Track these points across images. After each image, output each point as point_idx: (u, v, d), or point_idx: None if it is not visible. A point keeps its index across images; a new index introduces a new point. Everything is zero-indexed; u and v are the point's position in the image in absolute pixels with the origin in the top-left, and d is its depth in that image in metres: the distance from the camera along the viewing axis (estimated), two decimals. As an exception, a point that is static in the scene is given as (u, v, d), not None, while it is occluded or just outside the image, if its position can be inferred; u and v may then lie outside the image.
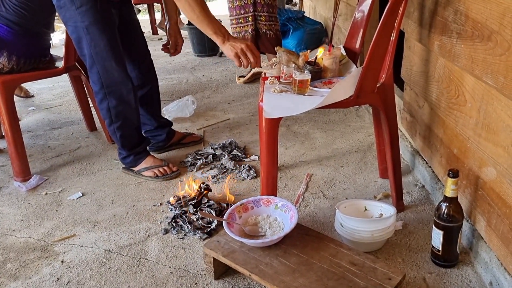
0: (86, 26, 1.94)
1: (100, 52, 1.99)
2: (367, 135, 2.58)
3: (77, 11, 1.92)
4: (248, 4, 3.45)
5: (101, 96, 2.09)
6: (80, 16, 1.93)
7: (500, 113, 1.30)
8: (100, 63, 2.01)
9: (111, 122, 2.15)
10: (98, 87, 2.07)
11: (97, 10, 1.93)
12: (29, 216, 1.98)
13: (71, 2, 1.91)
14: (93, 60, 2.01)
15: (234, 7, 3.51)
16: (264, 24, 3.50)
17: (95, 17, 1.93)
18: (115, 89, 2.07)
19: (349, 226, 1.58)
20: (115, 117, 2.13)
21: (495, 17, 1.27)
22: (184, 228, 1.78)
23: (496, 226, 1.37)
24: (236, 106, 3.23)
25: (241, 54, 1.82)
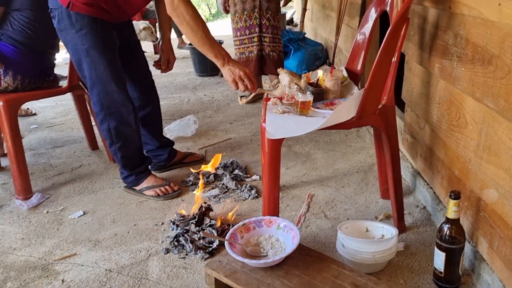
0: (86, 49, 1.96)
1: (100, 74, 2.00)
2: (368, 155, 2.59)
3: (77, 34, 1.94)
4: (253, 25, 3.50)
5: (102, 117, 2.10)
6: (80, 39, 1.95)
7: (501, 135, 1.31)
8: (100, 85, 2.03)
9: (112, 143, 2.16)
10: (98, 108, 2.08)
11: (97, 33, 1.95)
12: (30, 235, 1.97)
13: (71, 25, 1.93)
14: (93, 82, 2.03)
15: (239, 28, 3.55)
16: (268, 45, 3.56)
17: (95, 39, 1.95)
18: (115, 110, 2.08)
19: (351, 247, 1.57)
20: (115, 138, 2.13)
21: (495, 42, 1.29)
22: (185, 247, 1.78)
23: (499, 248, 1.37)
24: (237, 126, 3.25)
25: (238, 80, 1.86)
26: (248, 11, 3.48)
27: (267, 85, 1.95)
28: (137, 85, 2.32)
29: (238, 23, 3.54)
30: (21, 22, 2.24)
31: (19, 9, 2.22)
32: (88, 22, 1.93)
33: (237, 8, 3.52)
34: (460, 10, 1.51)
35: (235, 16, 3.55)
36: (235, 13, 3.55)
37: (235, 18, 3.55)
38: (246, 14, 3.49)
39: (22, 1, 2.21)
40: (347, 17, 3.53)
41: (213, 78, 4.77)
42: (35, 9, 2.23)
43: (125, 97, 2.09)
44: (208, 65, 4.84)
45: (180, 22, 1.83)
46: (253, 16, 3.48)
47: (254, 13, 3.47)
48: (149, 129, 2.43)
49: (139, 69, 2.33)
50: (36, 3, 2.23)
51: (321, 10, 4.98)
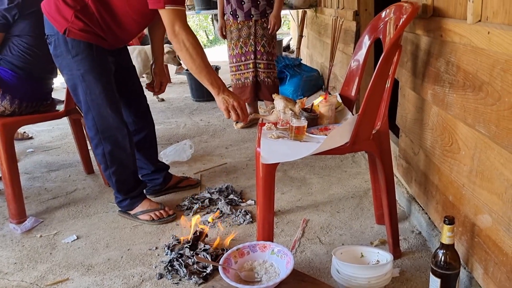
0: (82, 74, 1.98)
1: (96, 98, 2.02)
2: (363, 181, 2.60)
3: (73, 60, 1.96)
4: (249, 52, 3.56)
5: (97, 142, 2.10)
6: (76, 64, 1.97)
7: (494, 161, 1.33)
8: (96, 110, 2.04)
9: (106, 167, 2.15)
10: (93, 133, 2.09)
11: (92, 58, 1.97)
12: (22, 259, 1.95)
13: (67, 51, 1.95)
14: (88, 107, 2.04)
15: (235, 55, 3.62)
16: (263, 72, 3.61)
17: (90, 65, 1.97)
18: (110, 135, 2.08)
19: (346, 273, 1.56)
20: (110, 162, 2.13)
21: (486, 69, 1.32)
22: (180, 272, 1.76)
23: (494, 274, 1.36)
24: (233, 150, 3.26)
25: (231, 109, 1.88)
26: (243, 38, 3.54)
27: (262, 110, 1.97)
28: (132, 109, 2.34)
29: (234, 50, 3.60)
30: (20, 47, 2.27)
31: (19, 35, 2.26)
32: (84, 48, 1.95)
33: (233, 35, 3.59)
34: (451, 38, 1.54)
35: (231, 43, 3.61)
36: (231, 40, 3.61)
37: (231, 45, 3.62)
38: (242, 41, 3.55)
39: (22, 28, 2.25)
40: (342, 44, 3.60)
41: (209, 103, 4.80)
42: (35, 36, 2.27)
43: (120, 121, 2.10)
44: (204, 91, 4.82)
45: (180, 48, 1.86)
46: (249, 43, 3.55)
47: (250, 39, 3.54)
48: (145, 153, 2.43)
49: (134, 94, 2.35)
50: (36, 30, 2.27)
51: (317, 37, 5.06)
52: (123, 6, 1.95)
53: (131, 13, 1.98)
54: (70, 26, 1.91)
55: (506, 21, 1.23)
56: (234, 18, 3.54)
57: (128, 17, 1.99)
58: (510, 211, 1.25)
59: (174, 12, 1.82)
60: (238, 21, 3.53)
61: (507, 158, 1.25)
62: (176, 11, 1.82)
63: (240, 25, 3.53)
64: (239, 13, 3.50)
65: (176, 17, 1.83)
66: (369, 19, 3.06)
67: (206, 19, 12.78)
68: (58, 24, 1.93)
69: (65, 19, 1.91)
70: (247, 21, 3.51)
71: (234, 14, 3.52)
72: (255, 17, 3.50)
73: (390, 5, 1.78)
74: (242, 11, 3.48)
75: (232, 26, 3.57)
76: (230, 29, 3.60)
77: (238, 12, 3.50)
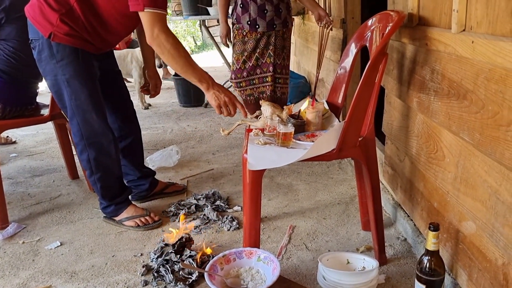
0: (67, 79, 1.95)
1: (81, 104, 1.99)
2: (349, 187, 2.61)
3: (57, 64, 1.93)
4: (266, 64, 3.13)
5: (82, 147, 2.08)
6: (61, 69, 1.94)
7: (477, 168, 1.34)
8: (81, 115, 2.01)
9: (91, 173, 2.13)
10: (78, 139, 2.07)
11: (78, 63, 1.95)
12: (3, 266, 1.92)
13: (51, 55, 1.92)
14: (73, 112, 2.02)
15: (247, 68, 3.14)
16: (281, 87, 3.23)
17: (76, 70, 1.95)
18: (95, 141, 2.06)
19: (332, 279, 1.56)
20: (95, 168, 2.11)
21: (470, 77, 1.34)
22: (166, 278, 1.74)
23: (478, 280, 1.38)
24: (220, 156, 3.25)
25: (223, 105, 1.88)
26: (260, 49, 3.09)
27: (249, 116, 1.97)
28: (119, 115, 2.32)
29: (246, 63, 3.13)
30: (6, 52, 2.24)
31: (5, 39, 2.23)
32: (70, 53, 1.92)
33: (246, 46, 3.09)
34: (436, 47, 1.56)
35: (242, 55, 3.11)
36: (242, 52, 3.11)
37: (242, 57, 3.11)
38: (258, 52, 3.09)
39: (8, 32, 2.22)
40: (329, 51, 3.62)
41: (196, 108, 4.80)
42: (21, 40, 2.25)
43: (105, 127, 2.08)
44: (192, 96, 4.87)
45: (161, 51, 1.84)
46: (266, 54, 3.10)
47: (268, 50, 3.10)
48: (131, 159, 2.41)
49: (120, 100, 2.33)
50: (23, 35, 2.24)
51: (304, 44, 5.10)
52: (109, 9, 1.93)
53: (116, 16, 1.96)
54: (55, 30, 1.88)
55: (489, 31, 1.25)
56: (253, 28, 3.04)
57: (114, 20, 1.97)
58: (493, 218, 1.26)
59: (153, 15, 1.80)
60: (257, 32, 3.04)
61: (491, 166, 1.26)
62: (156, 14, 1.80)
63: (259, 35, 3.05)
64: (260, 23, 3.02)
65: (155, 20, 1.80)
66: (356, 27, 3.09)
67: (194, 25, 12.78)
68: (43, 28, 1.90)
69: (50, 23, 1.88)
70: (268, 31, 3.06)
71: (254, 24, 3.03)
72: (278, 27, 3.06)
73: (377, 14, 1.80)
74: (264, 20, 3.02)
75: (247, 37, 3.07)
76: (242, 39, 3.09)
77: (259, 22, 3.02)
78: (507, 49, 1.12)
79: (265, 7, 3.00)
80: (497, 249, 1.26)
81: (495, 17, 1.22)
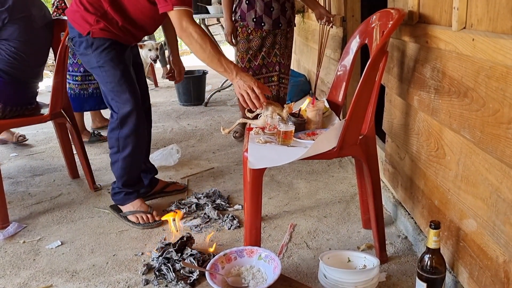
0: (101, 65, 2.09)
1: (115, 86, 2.10)
2: (350, 185, 2.61)
3: (92, 54, 2.07)
4: (272, 63, 3.12)
5: (114, 126, 2.17)
6: (95, 58, 2.07)
7: (478, 166, 1.34)
8: (116, 97, 2.12)
9: (117, 151, 2.20)
10: (113, 118, 2.16)
11: (110, 50, 2.07)
12: (4, 266, 1.92)
13: (87, 47, 2.07)
14: (111, 95, 2.13)
15: (253, 67, 3.11)
16: (284, 88, 3.23)
17: (108, 55, 2.07)
18: (128, 120, 2.14)
19: (333, 278, 1.56)
20: (122, 147, 2.19)
21: (470, 75, 1.34)
22: (167, 276, 1.74)
23: (479, 278, 1.38)
24: (220, 155, 3.25)
25: (245, 95, 1.83)
26: (267, 48, 3.06)
27: (249, 115, 1.96)
28: None
29: (251, 62, 3.09)
30: (7, 51, 2.24)
31: (8, 39, 2.23)
32: (103, 42, 2.05)
33: (252, 44, 3.06)
34: (436, 45, 1.56)
35: (247, 53, 3.08)
36: (247, 50, 3.08)
37: (247, 56, 3.08)
38: (265, 51, 3.06)
39: (11, 32, 2.22)
40: (329, 49, 3.62)
41: (197, 107, 4.79)
42: (23, 41, 2.25)
43: (139, 107, 2.16)
44: (192, 95, 4.86)
45: (189, 41, 1.91)
46: (273, 53, 3.07)
47: (274, 49, 3.08)
48: None
49: (141, 91, 2.39)
50: (25, 35, 2.25)
51: (304, 42, 5.09)
52: (137, 14, 2.07)
53: (144, 18, 2.10)
54: (92, 28, 2.02)
55: (490, 28, 1.25)
56: (258, 25, 3.02)
57: (142, 21, 2.11)
58: (494, 215, 1.26)
59: (182, 12, 1.90)
60: (262, 29, 3.03)
61: (492, 163, 1.26)
62: (183, 11, 1.90)
63: (265, 33, 3.04)
64: (265, 21, 3.00)
65: (183, 14, 1.90)
66: (356, 25, 3.09)
67: (193, 24, 12.76)
68: (82, 28, 2.04)
69: (88, 23, 2.03)
70: (274, 30, 3.05)
71: (259, 22, 3.00)
72: (283, 26, 3.06)
73: (377, 12, 1.80)
74: (270, 18, 3.01)
75: (252, 35, 3.05)
76: (247, 37, 3.07)
77: (264, 19, 3.00)
78: (507, 46, 1.11)
79: (271, 5, 2.99)
80: (498, 247, 1.26)
81: (496, 14, 1.22)
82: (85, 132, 3.61)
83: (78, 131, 2.69)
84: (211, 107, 4.77)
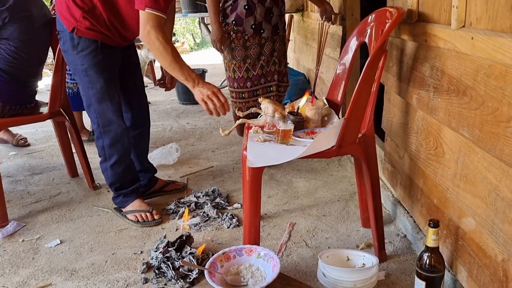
0: (85, 69, 2.05)
1: (97, 93, 2.08)
2: (349, 184, 2.61)
3: (77, 55, 2.04)
4: (270, 72, 2.90)
5: (97, 134, 2.19)
6: (80, 59, 2.05)
7: (477, 164, 1.34)
8: (97, 104, 2.11)
9: (104, 160, 2.22)
10: (95, 126, 2.17)
11: (96, 54, 2.05)
12: (3, 264, 1.92)
13: (73, 47, 2.04)
14: (90, 101, 2.11)
15: (251, 77, 2.87)
16: (281, 96, 3.05)
17: (93, 60, 2.05)
18: (109, 129, 2.15)
19: (332, 276, 1.56)
20: (108, 155, 2.20)
21: (469, 74, 1.34)
22: (167, 274, 1.74)
23: (477, 276, 1.38)
24: (219, 154, 3.25)
25: (207, 100, 1.94)
26: (266, 56, 2.84)
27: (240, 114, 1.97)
28: (132, 106, 2.39)
29: (249, 71, 2.85)
30: (7, 51, 2.24)
31: (8, 38, 2.23)
32: (89, 44, 2.03)
33: (250, 52, 2.81)
34: (435, 43, 1.56)
35: (245, 62, 2.83)
36: (245, 58, 2.82)
37: (245, 65, 2.83)
38: (264, 59, 2.84)
39: (11, 31, 2.22)
40: (329, 48, 3.61)
41: (196, 106, 4.79)
42: (24, 40, 2.26)
43: (119, 116, 2.16)
44: (191, 93, 4.84)
45: (151, 47, 1.91)
46: (271, 61, 2.86)
47: (273, 57, 2.87)
48: (136, 149, 2.45)
49: (136, 91, 2.41)
50: (26, 35, 2.25)
51: (303, 41, 5.09)
52: (128, 10, 2.03)
53: (134, 15, 2.03)
54: (78, 25, 1.99)
55: (489, 27, 1.25)
56: (257, 32, 2.78)
57: (132, 19, 2.06)
58: (493, 214, 1.26)
59: (151, 16, 1.87)
60: (261, 36, 2.80)
61: (491, 162, 1.26)
62: (153, 15, 1.87)
63: (264, 40, 2.82)
64: (265, 27, 2.78)
65: (151, 19, 1.87)
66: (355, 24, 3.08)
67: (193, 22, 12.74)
68: (67, 22, 2.01)
69: (74, 18, 1.99)
70: (273, 37, 2.85)
71: (258, 29, 2.77)
72: (281, 31, 2.90)
73: (376, 10, 1.79)
74: (269, 24, 2.80)
75: (250, 41, 2.79)
76: (244, 44, 2.80)
77: (264, 26, 2.78)
78: (506, 45, 1.11)
79: (272, 10, 2.78)
80: (497, 246, 1.26)
81: (495, 13, 1.22)
82: (84, 131, 3.60)
83: (77, 129, 2.69)
84: (211, 106, 4.76)
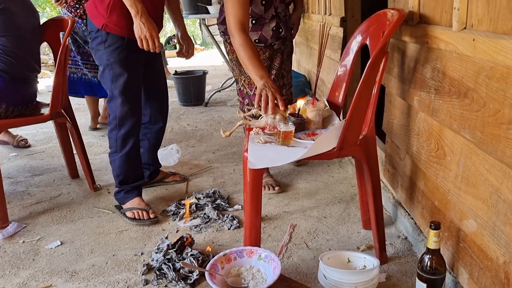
0: (111, 64, 2.14)
1: (118, 87, 2.15)
2: (350, 186, 2.61)
3: (105, 51, 2.13)
4: (280, 87, 2.54)
5: (112, 126, 2.24)
6: (106, 55, 2.13)
7: (479, 166, 1.34)
8: (118, 97, 2.17)
9: (115, 151, 2.26)
10: (111, 118, 2.23)
11: (122, 50, 2.13)
12: (4, 265, 1.92)
13: (101, 43, 2.13)
14: (112, 94, 2.19)
15: None
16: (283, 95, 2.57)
17: (119, 56, 2.13)
18: (125, 122, 2.20)
19: (333, 278, 1.56)
20: (119, 147, 2.25)
21: (471, 75, 1.34)
22: (168, 275, 1.74)
23: (479, 279, 1.38)
24: (220, 155, 3.25)
25: (143, 39, 2.05)
26: (276, 69, 2.51)
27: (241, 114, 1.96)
28: (153, 104, 2.46)
29: None
30: (1, 51, 2.24)
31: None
32: (116, 40, 2.11)
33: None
34: (437, 45, 1.56)
35: None
36: None
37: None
38: (275, 73, 2.50)
39: None
40: (329, 50, 3.61)
41: (197, 107, 4.79)
42: (11, 36, 2.25)
43: (137, 112, 2.25)
44: (192, 95, 4.87)
45: None
46: (280, 74, 2.54)
47: (281, 70, 2.54)
48: (149, 143, 2.54)
49: (159, 93, 2.48)
50: (11, 30, 2.25)
51: (304, 42, 5.09)
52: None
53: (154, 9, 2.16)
54: (106, 21, 2.08)
55: (490, 28, 1.25)
56: (268, 46, 2.44)
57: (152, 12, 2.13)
58: (494, 216, 1.26)
59: None
60: (272, 49, 2.46)
61: (492, 164, 1.26)
62: None
63: (274, 53, 2.48)
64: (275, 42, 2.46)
65: None
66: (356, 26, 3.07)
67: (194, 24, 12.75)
68: (97, 20, 2.11)
69: (101, 14, 2.09)
70: (281, 47, 2.50)
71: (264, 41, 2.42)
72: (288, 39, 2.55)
73: (377, 12, 1.79)
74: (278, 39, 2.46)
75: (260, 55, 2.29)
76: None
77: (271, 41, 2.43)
78: (508, 47, 1.11)
79: (280, 27, 2.41)
80: (498, 248, 1.26)
81: (496, 14, 1.21)
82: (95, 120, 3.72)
83: (78, 130, 2.69)
84: (211, 107, 4.77)
